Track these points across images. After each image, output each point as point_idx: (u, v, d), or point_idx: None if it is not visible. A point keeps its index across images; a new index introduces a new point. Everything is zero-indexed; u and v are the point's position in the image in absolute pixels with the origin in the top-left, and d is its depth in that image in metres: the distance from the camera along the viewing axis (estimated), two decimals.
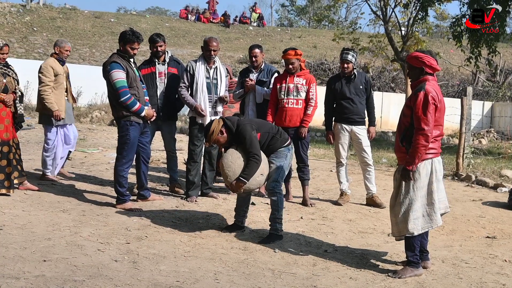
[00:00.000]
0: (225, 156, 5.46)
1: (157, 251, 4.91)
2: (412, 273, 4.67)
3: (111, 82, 6.27)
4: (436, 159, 4.74)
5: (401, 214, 4.70)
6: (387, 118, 24.73)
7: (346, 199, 7.48)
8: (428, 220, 4.70)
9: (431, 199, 4.69)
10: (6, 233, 5.10)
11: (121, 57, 6.38)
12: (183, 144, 11.20)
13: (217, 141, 5.57)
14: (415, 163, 4.59)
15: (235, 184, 5.36)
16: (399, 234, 4.79)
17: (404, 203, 4.70)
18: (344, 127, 7.34)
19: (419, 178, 4.66)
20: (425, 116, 4.53)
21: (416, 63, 4.75)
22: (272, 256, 5.02)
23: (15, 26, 29.50)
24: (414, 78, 4.81)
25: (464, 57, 18.77)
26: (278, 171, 5.59)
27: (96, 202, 6.67)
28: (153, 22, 35.60)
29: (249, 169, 5.33)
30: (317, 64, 30.20)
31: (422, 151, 4.56)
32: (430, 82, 4.68)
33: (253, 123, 5.62)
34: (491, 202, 8.03)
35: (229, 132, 5.52)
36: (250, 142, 5.37)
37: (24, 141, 11.57)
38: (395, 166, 11.65)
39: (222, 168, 5.40)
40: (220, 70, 7.16)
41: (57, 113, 7.41)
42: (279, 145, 5.67)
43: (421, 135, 4.53)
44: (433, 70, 4.74)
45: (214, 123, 5.55)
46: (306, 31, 42.31)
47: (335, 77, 7.54)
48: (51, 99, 7.40)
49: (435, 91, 4.62)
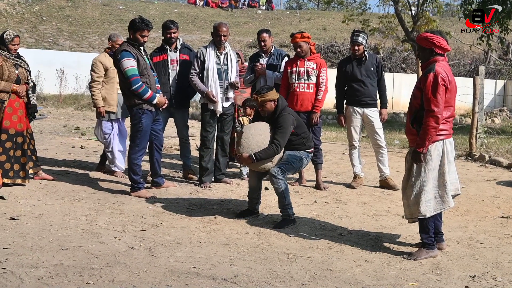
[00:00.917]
0: (248, 127, 5.61)
1: (173, 237, 4.95)
2: (427, 254, 4.67)
3: (122, 70, 6.28)
4: (448, 140, 4.70)
5: (413, 196, 4.69)
6: (399, 99, 24.58)
7: (360, 181, 7.47)
8: (440, 202, 4.67)
9: (443, 180, 4.66)
10: (23, 223, 5.15)
11: (132, 45, 6.38)
12: (195, 130, 11.22)
13: (264, 105, 5.67)
14: (425, 145, 4.55)
15: (244, 157, 5.45)
16: (412, 216, 4.79)
17: (415, 185, 4.68)
18: (356, 109, 7.31)
19: (431, 160, 4.63)
20: (435, 97, 4.49)
21: (426, 44, 4.70)
22: (287, 241, 5.04)
23: (24, 16, 29.54)
24: (424, 59, 4.77)
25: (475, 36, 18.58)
26: (286, 162, 5.62)
27: (110, 190, 6.72)
28: (162, 9, 35.49)
29: (265, 153, 5.43)
30: (327, 46, 30.01)
31: (433, 133, 4.53)
32: (440, 63, 4.63)
33: (295, 119, 5.75)
34: (506, 182, 7.98)
35: (275, 108, 5.68)
36: (283, 132, 5.52)
37: (37, 130, 11.66)
38: (407, 147, 11.57)
39: (240, 136, 5.52)
40: (230, 55, 7.14)
41: (101, 110, 7.39)
42: (301, 148, 5.77)
43: (431, 117, 4.50)
44: (443, 50, 4.69)
45: (273, 91, 5.72)
46: (315, 13, 42.03)
47: (346, 59, 7.51)
48: (97, 95, 7.37)
49: (445, 71, 4.58)
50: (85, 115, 17.06)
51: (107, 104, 7.42)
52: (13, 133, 6.50)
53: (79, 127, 13.29)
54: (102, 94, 7.40)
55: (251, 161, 5.45)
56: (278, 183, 5.50)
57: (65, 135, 11.87)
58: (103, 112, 7.41)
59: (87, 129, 12.99)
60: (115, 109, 7.47)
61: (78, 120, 15.43)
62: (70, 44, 26.79)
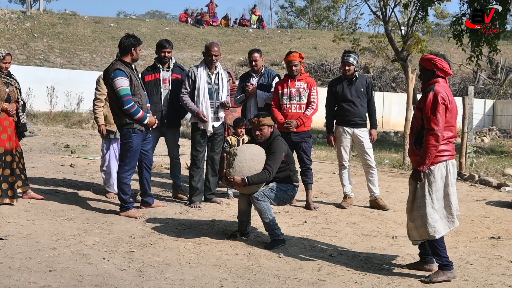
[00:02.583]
0: (243, 151, 5.56)
1: (162, 258, 4.92)
2: (444, 276, 4.58)
3: (115, 89, 6.26)
4: (450, 161, 4.68)
5: (419, 218, 4.65)
6: (389, 118, 24.72)
7: (350, 201, 7.47)
8: (446, 222, 4.66)
9: (448, 201, 4.65)
10: (11, 243, 5.10)
11: (125, 64, 6.37)
12: (186, 149, 11.21)
13: (261, 129, 5.72)
14: (425, 163, 4.55)
15: (236, 180, 5.41)
16: (420, 238, 4.72)
17: (421, 207, 4.64)
18: (345, 129, 7.34)
19: (434, 181, 4.61)
20: (434, 116, 4.50)
21: (429, 65, 4.72)
22: (277, 262, 5.02)
23: (16, 32, 29.54)
24: (425, 81, 4.78)
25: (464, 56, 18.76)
26: (270, 188, 5.63)
27: (100, 210, 6.68)
28: (153, 26, 35.62)
29: (258, 178, 5.43)
30: (318, 65, 30.20)
31: (433, 151, 4.53)
32: (440, 83, 4.66)
33: (287, 147, 5.83)
34: (495, 202, 8.01)
35: (270, 136, 5.74)
36: (276, 158, 5.56)
37: (27, 148, 11.60)
38: (397, 167, 11.66)
39: (234, 159, 5.47)
40: (221, 75, 7.16)
41: (101, 128, 7.33)
42: (287, 181, 5.78)
43: (431, 135, 4.50)
44: (445, 74, 4.71)
45: (269, 117, 5.83)
46: (306, 32, 42.32)
47: (336, 79, 7.55)
48: (99, 113, 7.32)
49: (445, 91, 4.59)
50: (75, 133, 17.00)
51: (108, 123, 7.32)
52: (2, 151, 6.46)
53: (69, 145, 13.24)
54: (103, 112, 7.34)
55: (243, 184, 5.43)
56: (260, 204, 5.49)
57: (55, 153, 11.81)
58: (104, 130, 7.34)
59: (77, 147, 12.95)
60: (115, 128, 7.24)
61: (68, 138, 15.37)
62: (61, 61, 26.79)
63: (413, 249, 5.40)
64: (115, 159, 7.43)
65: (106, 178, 7.54)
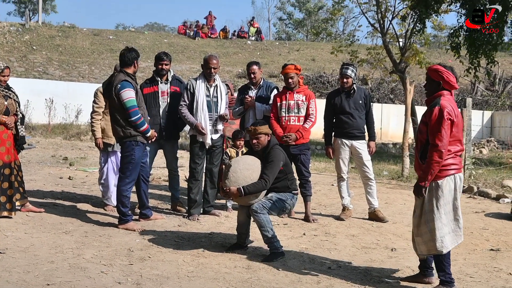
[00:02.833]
0: (237, 161, 5.58)
1: (161, 271, 4.90)
2: None
3: (122, 101, 6.26)
4: (458, 175, 4.63)
5: (428, 233, 4.59)
6: (387, 129, 24.76)
7: (348, 214, 7.47)
8: (454, 237, 4.61)
9: (456, 215, 4.61)
10: (9, 257, 5.08)
11: (129, 76, 6.41)
12: (184, 161, 11.20)
13: (258, 137, 5.71)
14: (427, 179, 4.51)
15: (232, 190, 5.41)
16: (428, 253, 4.66)
17: (429, 221, 4.59)
18: (344, 142, 7.34)
19: (442, 196, 4.56)
20: (439, 132, 4.46)
21: (435, 76, 4.65)
22: (276, 275, 5.00)
23: (15, 45, 29.61)
24: (429, 92, 4.72)
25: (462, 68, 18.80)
26: (269, 199, 5.63)
27: (98, 223, 6.66)
28: (152, 39, 35.73)
29: (254, 187, 5.42)
30: (316, 77, 30.26)
31: (435, 168, 4.48)
32: (445, 97, 4.59)
33: (285, 156, 5.81)
34: (494, 214, 8.01)
35: (267, 144, 5.73)
36: (273, 167, 5.55)
37: (25, 161, 11.58)
38: (396, 178, 11.65)
39: (228, 170, 5.48)
40: (220, 88, 7.17)
41: (98, 141, 7.31)
42: (285, 190, 5.78)
43: (435, 151, 4.46)
44: (451, 87, 4.64)
45: (266, 126, 5.83)
46: (304, 44, 42.44)
47: (334, 91, 7.57)
48: (96, 126, 7.30)
49: (451, 106, 4.52)
50: (73, 145, 16.99)
51: (105, 136, 7.30)
52: (0, 164, 6.45)
53: (67, 157, 13.22)
54: (101, 125, 7.33)
55: (239, 195, 5.42)
56: (259, 217, 5.49)
57: (53, 165, 11.80)
58: (101, 143, 7.32)
59: (76, 159, 12.93)
60: (113, 141, 7.25)
61: (66, 150, 15.36)
62: (60, 73, 26.83)
63: (412, 262, 5.40)
64: (113, 172, 7.42)
65: (104, 191, 7.53)
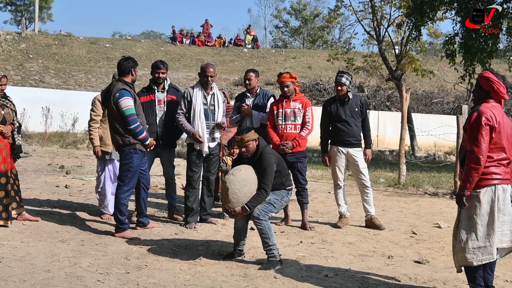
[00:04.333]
0: (231, 181, 5.47)
1: (157, 280, 4.89)
2: None
3: (121, 109, 6.28)
4: (501, 186, 4.35)
5: (460, 242, 4.38)
6: (383, 136, 24.78)
7: (345, 221, 7.47)
8: (489, 251, 4.32)
9: (492, 229, 4.32)
10: (5, 266, 5.07)
11: (128, 85, 6.43)
12: (181, 168, 11.20)
13: (247, 145, 5.64)
14: (466, 187, 4.29)
15: (237, 212, 5.43)
16: (458, 264, 4.46)
17: (463, 231, 4.39)
18: (340, 149, 7.36)
19: (479, 206, 4.33)
20: (476, 137, 4.27)
21: (485, 85, 4.45)
22: (273, 283, 5.00)
23: (11, 53, 29.60)
24: (477, 99, 4.54)
25: (458, 75, 18.89)
26: (268, 203, 5.63)
27: (95, 231, 6.65)
28: (148, 47, 35.76)
29: (256, 200, 5.47)
30: (312, 84, 30.32)
31: (474, 175, 4.26)
32: (488, 103, 4.42)
33: (276, 157, 5.77)
34: None
35: (256, 149, 5.67)
36: (268, 174, 5.55)
37: (21, 169, 11.56)
38: (393, 186, 11.66)
39: (227, 193, 5.44)
40: (217, 96, 7.19)
41: (97, 149, 7.29)
42: (281, 187, 5.80)
43: (471, 158, 4.28)
44: (499, 97, 4.44)
45: (253, 131, 5.72)
46: (300, 52, 42.55)
47: (330, 99, 7.59)
48: (94, 134, 7.28)
49: (491, 111, 4.33)
50: (70, 153, 16.97)
51: (103, 144, 7.30)
52: None
53: (64, 166, 13.20)
54: (99, 133, 7.32)
55: (246, 212, 5.45)
56: (262, 224, 5.49)
57: (50, 174, 11.78)
58: (99, 151, 7.31)
59: (72, 167, 12.92)
60: (111, 149, 7.28)
61: (63, 159, 15.33)
62: (56, 81, 26.83)
63: (409, 269, 5.40)
64: (110, 180, 7.41)
65: (101, 199, 7.52)
